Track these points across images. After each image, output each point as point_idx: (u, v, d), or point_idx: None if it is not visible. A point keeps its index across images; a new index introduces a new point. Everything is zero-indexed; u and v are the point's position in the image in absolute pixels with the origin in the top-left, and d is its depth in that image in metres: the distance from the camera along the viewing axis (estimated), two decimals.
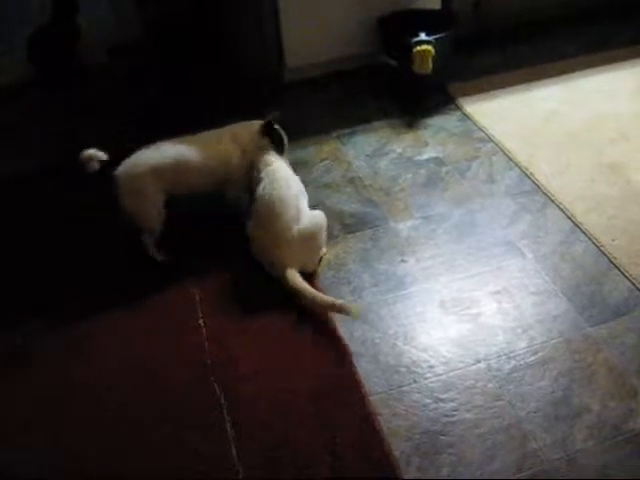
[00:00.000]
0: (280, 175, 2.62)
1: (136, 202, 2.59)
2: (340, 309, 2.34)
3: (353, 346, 2.31)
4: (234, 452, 2.04)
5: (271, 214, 2.50)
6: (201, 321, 2.47)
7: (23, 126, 3.69)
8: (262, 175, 2.62)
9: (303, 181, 2.80)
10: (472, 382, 2.17)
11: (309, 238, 2.54)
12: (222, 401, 2.19)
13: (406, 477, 1.94)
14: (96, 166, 2.55)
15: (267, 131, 2.77)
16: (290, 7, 3.52)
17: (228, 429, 2.10)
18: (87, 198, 2.96)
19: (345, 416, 2.10)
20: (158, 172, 2.59)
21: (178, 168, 2.63)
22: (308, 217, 2.57)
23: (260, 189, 2.57)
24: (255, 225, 2.56)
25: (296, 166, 3.13)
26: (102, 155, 2.57)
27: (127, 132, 3.47)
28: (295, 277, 2.42)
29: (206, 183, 2.71)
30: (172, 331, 2.44)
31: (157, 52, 3.92)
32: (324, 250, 2.66)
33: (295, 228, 2.49)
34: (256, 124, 2.79)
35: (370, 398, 2.14)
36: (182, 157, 2.65)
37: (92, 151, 2.56)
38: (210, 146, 2.71)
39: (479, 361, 2.23)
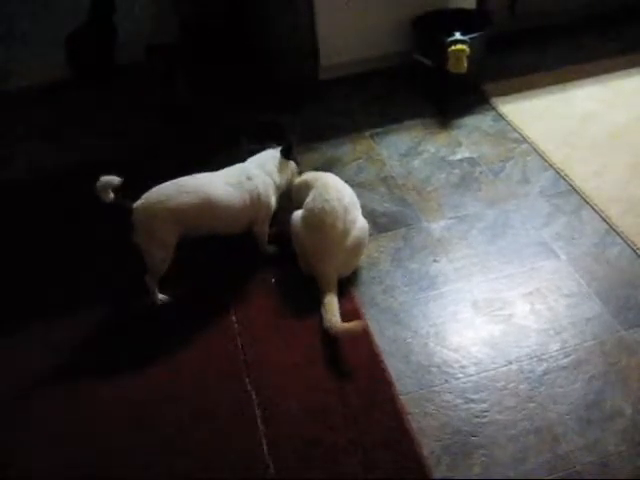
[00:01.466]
0: (331, 187, 2.54)
1: (148, 241, 2.44)
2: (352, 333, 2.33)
3: (384, 345, 2.32)
4: (265, 449, 2.06)
5: (321, 227, 2.45)
6: (234, 317, 2.49)
7: (60, 126, 3.75)
8: (313, 189, 2.56)
9: None
10: (504, 383, 2.16)
11: (354, 248, 2.51)
12: (254, 397, 2.21)
13: (436, 476, 1.95)
14: (111, 196, 2.36)
15: (288, 153, 2.74)
16: (325, 6, 3.53)
17: (260, 426, 2.12)
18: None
19: (375, 415, 2.11)
20: (178, 215, 2.42)
21: (202, 210, 2.47)
22: (358, 228, 2.52)
23: (310, 200, 2.52)
24: (304, 235, 2.51)
25: (329, 165, 3.16)
26: (117, 181, 2.36)
27: (158, 131, 3.53)
28: (332, 303, 2.38)
29: (232, 225, 2.61)
30: (205, 329, 2.46)
31: (193, 52, 3.95)
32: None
33: (344, 242, 2.47)
34: (275, 150, 2.75)
35: (401, 397, 2.15)
36: (207, 197, 2.48)
37: (106, 180, 2.35)
38: (239, 182, 2.57)
39: (511, 362, 2.22)
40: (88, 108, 3.88)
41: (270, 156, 2.72)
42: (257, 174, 2.60)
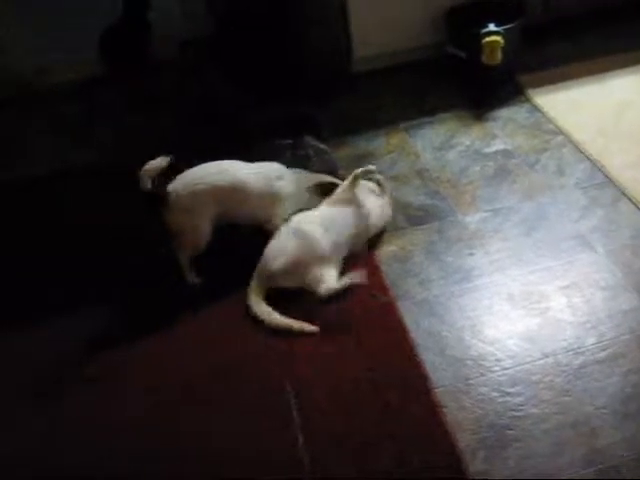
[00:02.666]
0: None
1: (189, 219, 2.53)
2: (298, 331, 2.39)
3: (419, 338, 2.33)
4: (301, 441, 2.08)
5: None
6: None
7: (93, 122, 3.82)
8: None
9: None
10: (539, 377, 2.15)
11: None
12: (288, 389, 2.23)
13: (471, 470, 1.95)
14: (148, 185, 2.44)
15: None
16: None
17: (295, 418, 2.14)
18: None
19: (410, 407, 2.12)
20: (217, 193, 2.55)
21: (233, 192, 2.58)
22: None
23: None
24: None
25: (363, 158, 3.17)
26: (165, 162, 2.47)
27: (191, 127, 3.57)
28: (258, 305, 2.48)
29: (253, 215, 2.68)
30: (237, 324, 2.48)
31: (226, 47, 3.97)
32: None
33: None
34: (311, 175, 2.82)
35: (436, 390, 2.15)
36: (242, 184, 2.60)
37: (155, 164, 2.46)
38: (268, 177, 2.67)
39: (547, 356, 2.21)
40: (121, 104, 3.93)
41: (304, 175, 2.79)
42: (287, 177, 2.71)
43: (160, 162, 2.46)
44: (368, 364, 2.26)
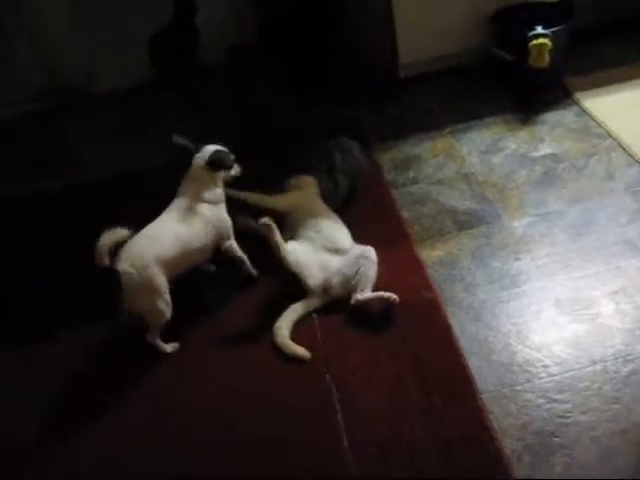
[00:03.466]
0: None
1: (146, 300, 2.37)
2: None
3: (465, 343, 2.32)
4: (345, 443, 2.09)
5: None
6: (314, 313, 2.54)
7: (143, 126, 3.89)
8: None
9: (416, 177, 2.84)
10: (588, 384, 2.13)
11: None
12: (333, 391, 2.25)
13: (517, 476, 1.94)
14: (106, 261, 2.27)
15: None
16: (404, 3, 3.54)
17: (340, 420, 2.16)
18: None
19: (456, 412, 2.12)
20: (163, 259, 2.40)
21: (180, 249, 2.46)
22: None
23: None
24: None
25: (408, 162, 3.17)
26: (120, 235, 2.31)
27: (239, 130, 3.61)
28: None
29: (207, 254, 2.61)
30: None
31: (273, 51, 4.01)
32: None
33: None
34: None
35: (482, 396, 2.14)
36: (181, 236, 2.49)
37: (109, 236, 2.28)
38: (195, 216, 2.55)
39: (595, 363, 2.19)
40: (170, 108, 4.00)
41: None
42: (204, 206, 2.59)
43: (118, 233, 2.30)
44: (414, 367, 2.27)
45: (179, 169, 2.60)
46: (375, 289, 2.51)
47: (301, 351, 2.38)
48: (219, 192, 2.63)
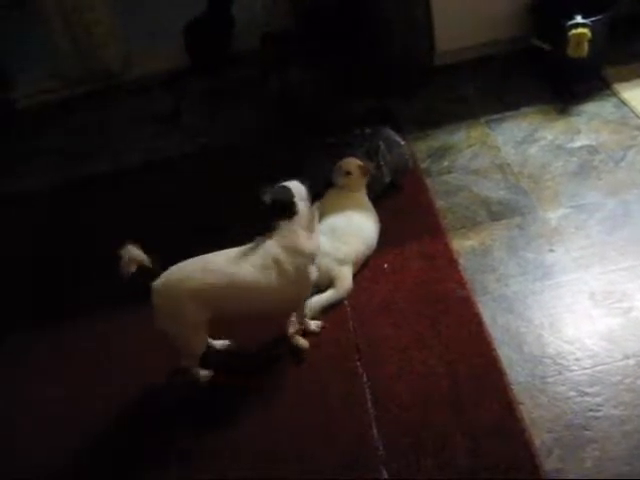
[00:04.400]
0: None
1: (172, 326, 2.19)
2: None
3: (496, 333, 2.32)
4: (375, 432, 2.11)
5: None
6: (346, 301, 2.55)
7: (178, 112, 3.94)
8: None
9: (450, 167, 2.83)
10: (620, 378, 2.11)
11: None
12: (365, 380, 2.26)
13: (547, 468, 1.93)
14: (132, 269, 2.12)
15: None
16: None
17: (370, 409, 2.17)
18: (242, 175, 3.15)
19: (486, 402, 2.12)
20: (205, 296, 2.15)
21: (234, 293, 2.19)
22: None
23: None
24: None
25: (444, 151, 3.16)
26: (144, 259, 2.14)
27: (271, 117, 3.63)
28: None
29: (272, 308, 2.33)
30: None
31: (306, 39, 4.01)
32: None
33: None
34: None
35: (512, 387, 2.14)
36: (239, 279, 2.18)
37: (134, 252, 2.12)
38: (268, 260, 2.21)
39: (628, 357, 2.17)
40: (205, 95, 4.02)
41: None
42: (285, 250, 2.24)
43: (139, 253, 2.14)
44: (445, 357, 2.27)
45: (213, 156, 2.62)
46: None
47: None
48: (311, 243, 2.27)
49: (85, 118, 4.08)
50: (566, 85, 3.45)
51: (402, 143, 3.06)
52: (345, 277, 2.57)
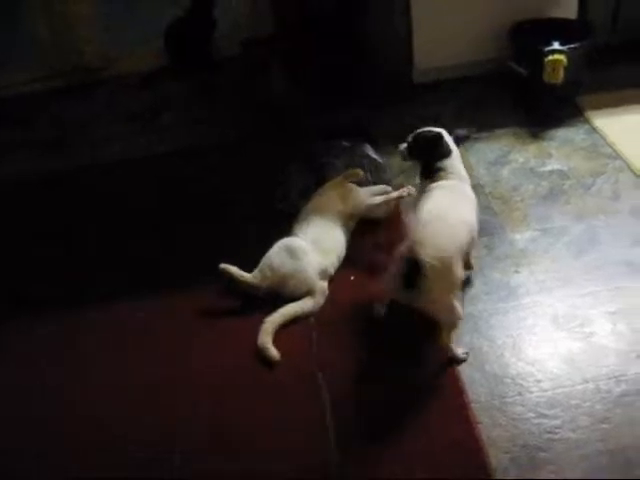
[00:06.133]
0: None
1: (446, 297, 2.18)
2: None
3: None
4: (333, 445, 2.09)
5: None
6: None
7: (155, 112, 3.90)
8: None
9: None
10: (579, 401, 2.13)
11: None
12: (324, 392, 2.25)
13: None
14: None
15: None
16: (423, 9, 3.54)
17: (329, 422, 2.15)
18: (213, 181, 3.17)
19: (445, 420, 2.12)
20: (461, 250, 2.24)
21: (470, 236, 2.33)
22: None
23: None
24: None
25: (417, 168, 3.14)
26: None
27: (250, 122, 3.63)
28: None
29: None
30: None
31: (289, 47, 4.01)
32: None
33: None
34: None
35: (472, 405, 2.14)
36: (468, 220, 2.37)
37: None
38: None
39: (587, 381, 2.19)
40: (182, 97, 4.00)
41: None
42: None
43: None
44: (407, 370, 2.28)
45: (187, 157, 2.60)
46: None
47: (272, 353, 2.37)
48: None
49: (63, 112, 4.03)
50: (541, 110, 3.49)
51: (380, 162, 3.07)
52: (323, 291, 2.58)
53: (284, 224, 2.78)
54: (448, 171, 2.48)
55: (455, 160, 2.53)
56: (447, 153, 2.51)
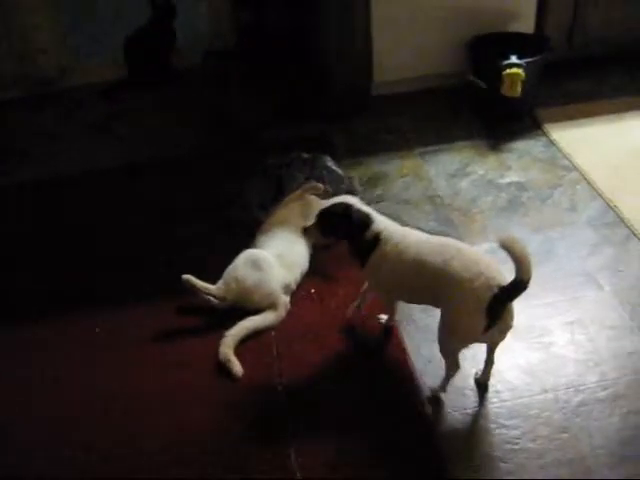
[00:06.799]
0: None
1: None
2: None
3: (419, 364, 2.32)
4: (293, 458, 2.06)
5: None
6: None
7: (112, 123, 3.85)
8: None
9: (382, 195, 2.90)
10: (538, 411, 2.14)
11: None
12: (285, 405, 2.23)
13: None
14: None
15: None
16: (382, 22, 3.56)
17: (289, 435, 2.13)
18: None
19: (406, 432, 2.11)
20: None
21: None
22: None
23: None
24: None
25: (376, 180, 3.18)
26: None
27: (207, 134, 3.62)
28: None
29: None
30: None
31: (248, 59, 4.01)
32: None
33: None
34: None
35: (432, 417, 2.14)
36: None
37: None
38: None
39: (547, 391, 2.19)
40: (141, 108, 3.96)
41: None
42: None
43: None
44: (367, 384, 2.26)
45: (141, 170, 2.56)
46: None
47: (235, 367, 2.34)
48: None
49: (17, 123, 3.95)
50: (499, 122, 3.53)
51: (340, 173, 3.07)
52: (285, 305, 2.55)
53: (243, 237, 2.76)
54: (389, 230, 2.21)
55: (380, 217, 2.25)
56: (369, 218, 2.21)
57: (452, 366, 2.16)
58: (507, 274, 2.02)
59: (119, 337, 2.53)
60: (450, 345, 2.13)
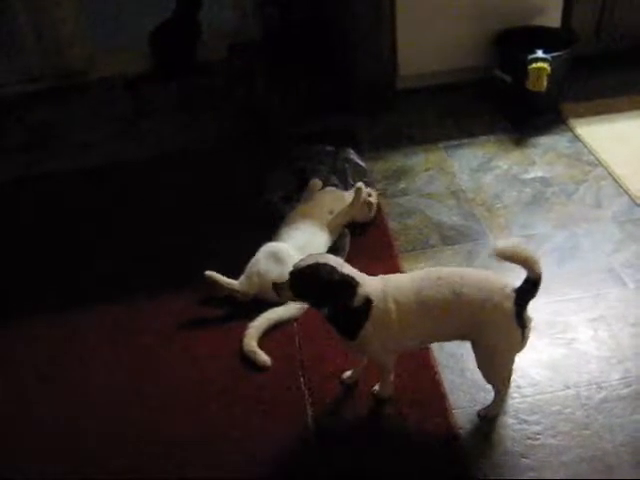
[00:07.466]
0: None
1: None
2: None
3: (441, 358, 2.32)
4: (316, 451, 2.09)
5: None
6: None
7: (138, 117, 3.89)
8: None
9: (406, 189, 2.91)
10: (559, 408, 2.13)
11: None
12: (306, 397, 2.24)
13: None
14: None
15: None
16: (408, 16, 3.54)
17: (311, 428, 2.15)
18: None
19: (426, 426, 2.11)
20: None
21: None
22: None
23: None
24: None
25: (400, 174, 3.17)
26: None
27: (232, 128, 3.63)
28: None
29: None
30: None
31: (274, 53, 4.02)
32: None
33: None
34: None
35: (453, 412, 2.14)
36: None
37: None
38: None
39: (569, 387, 2.19)
40: (168, 101, 3.99)
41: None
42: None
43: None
44: None
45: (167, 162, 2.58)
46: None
47: (262, 357, 2.35)
48: None
49: (45, 115, 3.99)
50: (524, 117, 3.51)
51: (364, 166, 3.08)
52: None
53: (266, 229, 2.77)
54: (372, 287, 1.97)
55: (360, 274, 2.00)
56: (355, 280, 1.95)
57: (504, 388, 2.12)
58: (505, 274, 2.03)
59: (141, 329, 2.56)
60: (499, 369, 2.05)
